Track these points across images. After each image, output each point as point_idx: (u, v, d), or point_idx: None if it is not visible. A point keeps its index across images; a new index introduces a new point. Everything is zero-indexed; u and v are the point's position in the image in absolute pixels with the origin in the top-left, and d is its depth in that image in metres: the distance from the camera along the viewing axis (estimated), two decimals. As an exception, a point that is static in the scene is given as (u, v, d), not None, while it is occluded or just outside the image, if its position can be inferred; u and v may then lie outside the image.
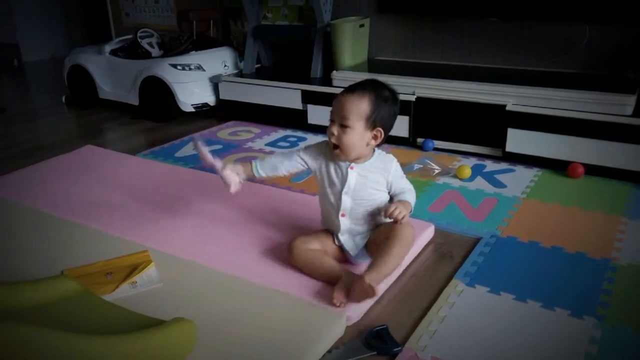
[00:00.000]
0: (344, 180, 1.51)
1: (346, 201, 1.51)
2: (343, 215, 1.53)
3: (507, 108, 2.35)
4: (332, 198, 1.54)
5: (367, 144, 1.47)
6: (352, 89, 1.46)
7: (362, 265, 1.55)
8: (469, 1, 2.77)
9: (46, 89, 4.28)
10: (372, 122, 1.45)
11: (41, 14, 5.50)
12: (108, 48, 3.48)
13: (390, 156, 1.55)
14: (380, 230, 1.53)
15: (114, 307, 1.32)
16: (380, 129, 1.46)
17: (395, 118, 1.50)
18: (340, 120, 1.45)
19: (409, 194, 1.54)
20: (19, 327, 0.96)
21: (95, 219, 1.88)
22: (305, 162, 1.57)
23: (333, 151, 1.50)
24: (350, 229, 1.54)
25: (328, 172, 1.54)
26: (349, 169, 1.50)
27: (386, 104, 1.46)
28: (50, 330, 1.07)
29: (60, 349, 1.04)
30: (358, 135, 1.45)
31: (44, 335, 1.05)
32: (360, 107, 1.43)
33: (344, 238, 1.55)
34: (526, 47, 2.78)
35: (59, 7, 5.61)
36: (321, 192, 1.58)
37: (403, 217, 1.43)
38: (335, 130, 1.46)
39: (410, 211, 1.50)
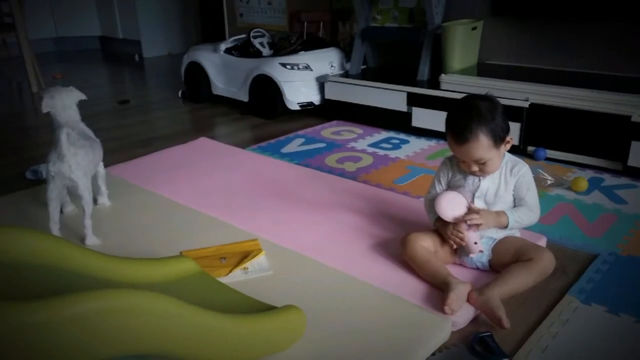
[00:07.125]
0: (476, 186, 1.52)
1: (479, 204, 1.52)
2: None
3: (633, 119, 2.19)
4: None
5: (504, 153, 1.52)
6: (463, 138, 1.42)
7: (473, 272, 1.53)
8: (591, 3, 2.61)
9: (163, 83, 4.57)
10: (500, 139, 1.45)
11: (161, 12, 5.89)
12: (223, 46, 3.64)
13: (523, 162, 1.55)
14: (510, 244, 1.51)
15: (229, 289, 1.38)
16: (507, 136, 1.47)
17: (504, 113, 1.47)
18: (475, 161, 1.46)
19: (522, 211, 1.51)
20: (156, 297, 1.03)
21: (209, 206, 1.99)
22: (442, 186, 1.60)
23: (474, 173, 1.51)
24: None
25: (459, 181, 1.56)
26: (480, 177, 1.52)
27: (494, 116, 1.43)
28: (184, 303, 1.07)
29: (197, 326, 1.06)
30: (496, 159, 1.48)
31: (180, 309, 1.05)
32: (482, 146, 1.43)
33: None
34: (656, 55, 2.59)
35: (177, 6, 5.98)
36: None
37: (476, 226, 1.45)
38: (474, 167, 1.48)
39: (505, 226, 1.49)
